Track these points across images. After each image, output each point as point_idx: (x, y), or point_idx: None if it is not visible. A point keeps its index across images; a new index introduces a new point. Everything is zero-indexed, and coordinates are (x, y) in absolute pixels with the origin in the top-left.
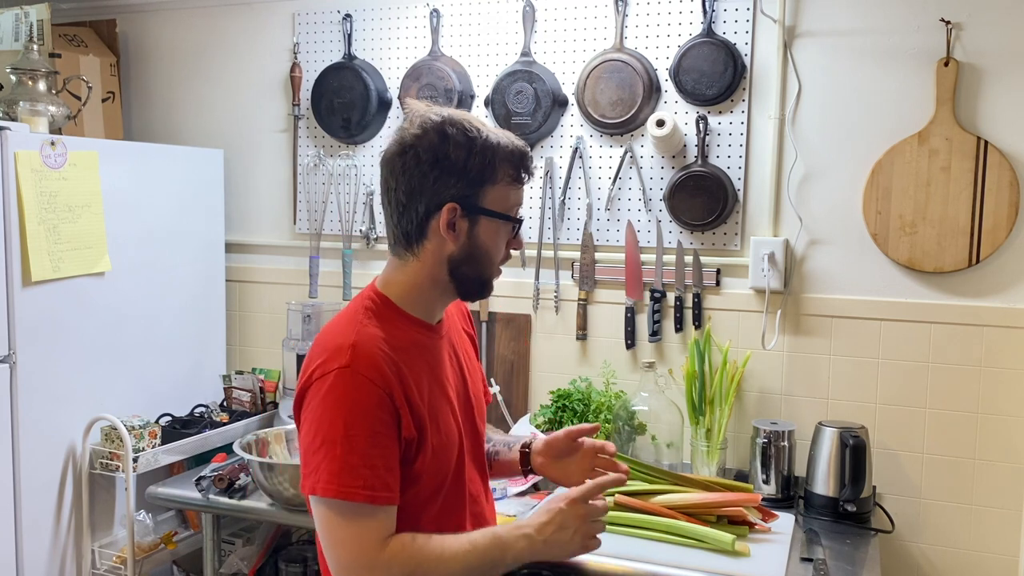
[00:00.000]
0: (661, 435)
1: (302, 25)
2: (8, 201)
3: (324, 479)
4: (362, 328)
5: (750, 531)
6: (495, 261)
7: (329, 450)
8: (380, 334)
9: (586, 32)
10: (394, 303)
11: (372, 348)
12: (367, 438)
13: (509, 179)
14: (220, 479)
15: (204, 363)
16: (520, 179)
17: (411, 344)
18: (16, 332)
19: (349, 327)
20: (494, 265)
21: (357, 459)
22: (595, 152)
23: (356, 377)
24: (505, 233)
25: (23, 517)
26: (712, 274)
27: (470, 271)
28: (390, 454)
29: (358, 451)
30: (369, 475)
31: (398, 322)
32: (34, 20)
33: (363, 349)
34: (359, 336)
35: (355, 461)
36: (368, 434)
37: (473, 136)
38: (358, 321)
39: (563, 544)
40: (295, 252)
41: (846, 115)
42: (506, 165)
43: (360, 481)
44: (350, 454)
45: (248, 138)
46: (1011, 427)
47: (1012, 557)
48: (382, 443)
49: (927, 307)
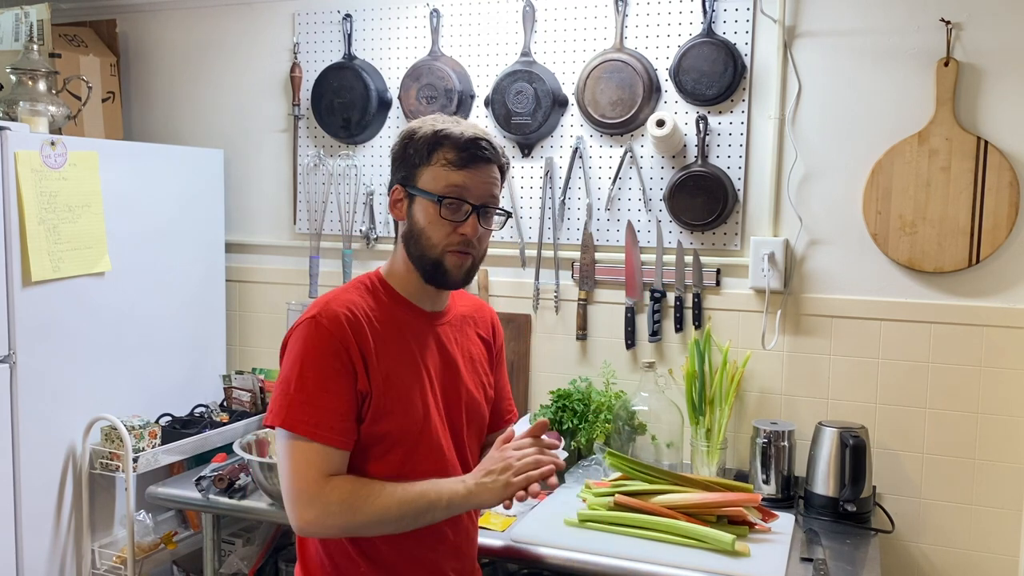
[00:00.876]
0: (661, 435)
1: (302, 25)
2: (8, 201)
3: (275, 411)
4: (343, 292)
5: (750, 531)
6: (433, 240)
7: (284, 387)
8: (360, 302)
9: (586, 32)
10: (389, 284)
11: (341, 307)
12: (316, 381)
13: (445, 162)
14: (220, 479)
15: (204, 363)
16: (458, 163)
17: (391, 320)
18: (16, 332)
19: (337, 291)
20: (434, 243)
21: (304, 396)
22: (595, 152)
23: (317, 327)
24: (435, 211)
25: (23, 517)
26: (712, 274)
27: (415, 249)
28: (340, 400)
29: (306, 390)
30: (313, 412)
31: (386, 300)
32: (34, 20)
33: (331, 306)
34: (335, 298)
35: (302, 398)
36: (318, 377)
37: (418, 127)
38: (346, 288)
39: (489, 489)
40: (295, 252)
41: (846, 115)
42: (444, 149)
43: (305, 416)
44: (299, 391)
45: (248, 138)
46: (1011, 427)
47: (1012, 557)
48: (331, 388)
49: (927, 307)
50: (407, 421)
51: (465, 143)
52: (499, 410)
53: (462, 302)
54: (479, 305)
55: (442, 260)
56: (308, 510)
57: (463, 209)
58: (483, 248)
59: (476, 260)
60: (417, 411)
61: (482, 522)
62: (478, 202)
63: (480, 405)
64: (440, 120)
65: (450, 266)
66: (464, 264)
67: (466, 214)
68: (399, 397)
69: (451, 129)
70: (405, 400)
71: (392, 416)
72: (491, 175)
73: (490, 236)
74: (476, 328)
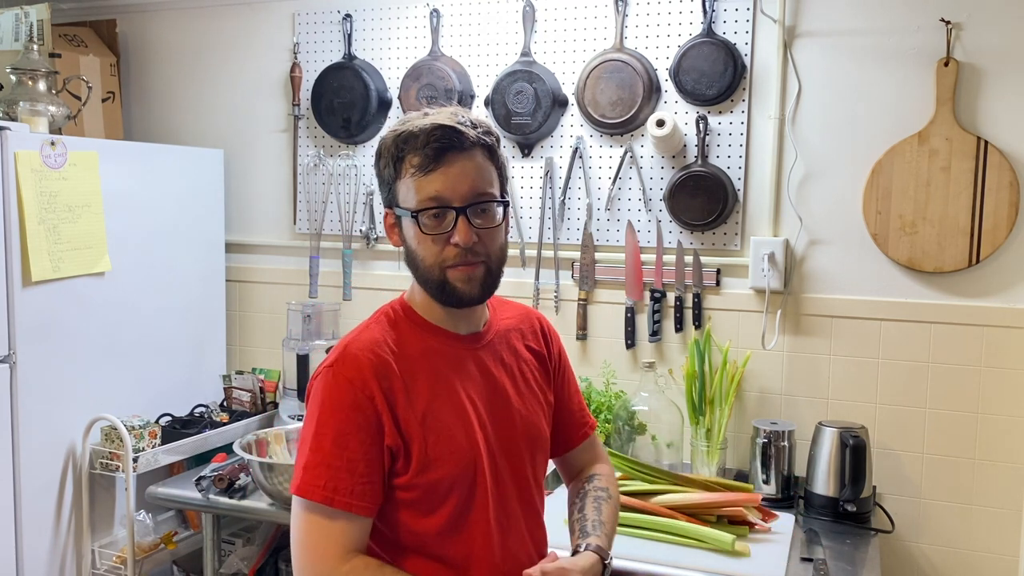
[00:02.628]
0: (661, 435)
1: (302, 25)
2: (8, 201)
3: (295, 475)
4: (364, 331)
5: (750, 531)
6: (428, 261)
7: (302, 447)
8: (383, 338)
9: (586, 32)
10: (415, 311)
11: (362, 350)
12: (333, 439)
13: (413, 169)
14: (220, 479)
15: (204, 363)
16: (423, 166)
17: (423, 352)
18: (16, 332)
19: (357, 330)
20: (429, 264)
21: (320, 458)
22: (595, 152)
23: (336, 377)
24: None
25: (23, 517)
26: (712, 274)
27: (416, 272)
28: (359, 459)
29: (322, 450)
30: (329, 476)
31: (413, 329)
32: (34, 20)
33: (352, 350)
34: (356, 338)
35: (317, 460)
36: (335, 434)
37: (383, 142)
38: (366, 325)
39: None
40: (295, 252)
41: (846, 115)
42: (409, 155)
43: (320, 481)
44: (315, 452)
45: (248, 138)
46: (1011, 427)
47: (1012, 557)
48: (351, 446)
49: (927, 307)
50: (456, 467)
51: (425, 138)
52: (574, 422)
53: (505, 313)
54: (524, 313)
55: (445, 279)
56: None
57: (447, 217)
58: (495, 248)
59: (491, 266)
60: (464, 453)
61: None
62: (462, 202)
63: (540, 428)
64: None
65: (455, 282)
66: (473, 275)
67: (452, 221)
68: (441, 441)
69: (411, 127)
70: (449, 443)
71: (439, 464)
72: (470, 164)
73: (499, 232)
74: (524, 340)
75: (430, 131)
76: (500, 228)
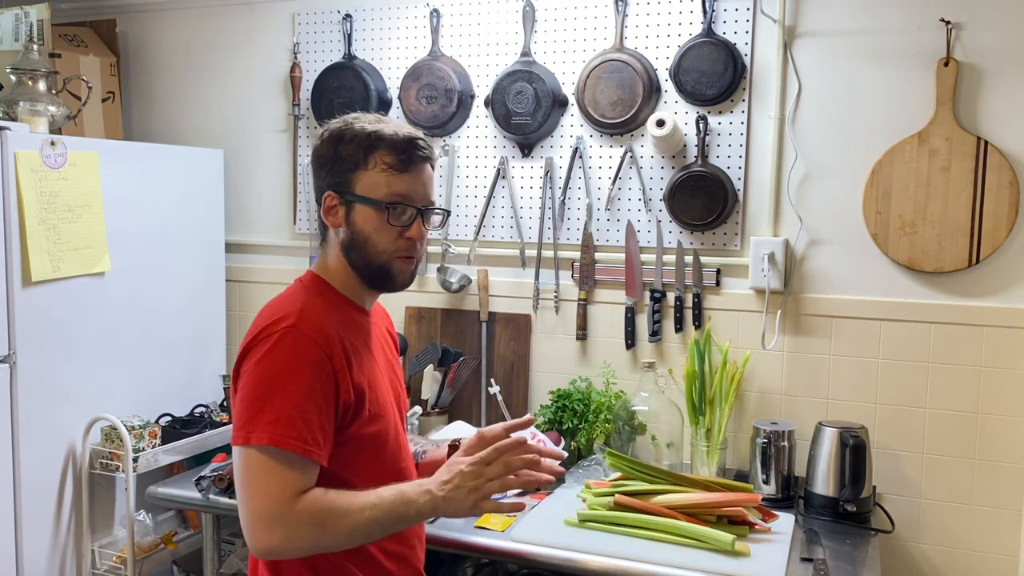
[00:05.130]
0: (661, 435)
1: (302, 25)
2: (8, 201)
3: (259, 427)
4: (308, 298)
5: (750, 531)
6: (380, 247)
7: (267, 401)
8: (325, 308)
9: (586, 32)
10: (331, 285)
11: (318, 313)
12: (304, 393)
13: (384, 166)
14: (220, 479)
15: (204, 363)
16: (397, 167)
17: (347, 320)
18: (16, 332)
19: (295, 298)
20: (381, 250)
21: (293, 410)
22: (595, 152)
23: (300, 335)
24: (381, 219)
25: (23, 517)
26: (712, 274)
27: (359, 257)
28: (323, 414)
29: (293, 403)
30: (303, 427)
31: (335, 300)
32: (34, 20)
33: (309, 312)
34: (305, 303)
35: (291, 412)
36: (305, 389)
37: (345, 129)
38: (302, 293)
39: (458, 502)
40: (295, 252)
41: (846, 115)
42: (381, 152)
43: (294, 432)
44: (286, 405)
45: (248, 138)
46: (1011, 427)
47: (1012, 557)
48: (316, 400)
49: (927, 307)
50: (387, 423)
51: (403, 145)
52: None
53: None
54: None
55: (389, 266)
56: (274, 531)
57: (408, 213)
58: (424, 248)
59: (418, 261)
60: (390, 412)
61: (481, 522)
62: (422, 204)
63: (404, 399)
64: (366, 120)
65: (397, 272)
66: (410, 268)
67: (412, 218)
68: (379, 399)
69: (384, 130)
70: (384, 401)
71: (378, 419)
72: (428, 175)
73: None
74: (383, 322)
75: (407, 139)
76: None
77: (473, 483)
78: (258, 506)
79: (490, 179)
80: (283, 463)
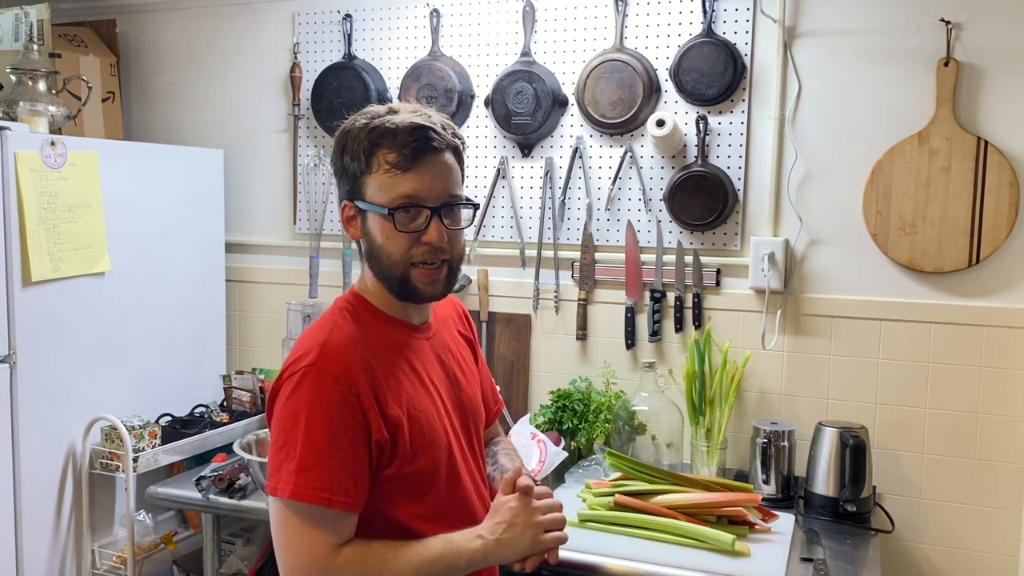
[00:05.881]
0: (661, 435)
1: (302, 25)
2: (8, 201)
3: (283, 479)
4: (335, 327)
5: (750, 531)
6: (393, 256)
7: (289, 450)
8: (354, 333)
9: (586, 32)
10: (370, 303)
11: (342, 346)
12: (327, 439)
13: (388, 166)
14: (220, 479)
15: (204, 363)
16: (400, 164)
17: (389, 344)
18: (16, 332)
19: (324, 326)
20: (396, 260)
21: (314, 459)
22: (595, 152)
23: (321, 375)
24: (390, 226)
25: (23, 517)
26: (712, 274)
27: (377, 268)
28: (351, 457)
29: (316, 451)
30: (326, 477)
31: (375, 321)
32: (34, 20)
33: (332, 347)
34: (331, 335)
35: (312, 461)
36: (328, 435)
37: (348, 131)
38: (333, 321)
39: (514, 541)
40: (295, 252)
41: (846, 115)
42: (383, 150)
43: (316, 483)
44: (307, 453)
45: (248, 138)
46: (1011, 427)
47: (1012, 557)
48: (342, 444)
49: (927, 307)
50: (438, 453)
51: (405, 137)
52: (487, 401)
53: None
54: (449, 300)
55: (408, 276)
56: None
57: (421, 215)
58: (458, 248)
59: (452, 265)
60: (441, 439)
61: None
62: (436, 202)
63: (480, 406)
64: (371, 114)
65: (418, 281)
66: (437, 276)
67: (426, 220)
68: (423, 430)
69: (385, 123)
70: (430, 431)
71: (425, 449)
72: (444, 166)
73: (463, 233)
74: (456, 325)
75: (409, 130)
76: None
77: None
78: (296, 562)
79: (490, 179)
80: (311, 517)
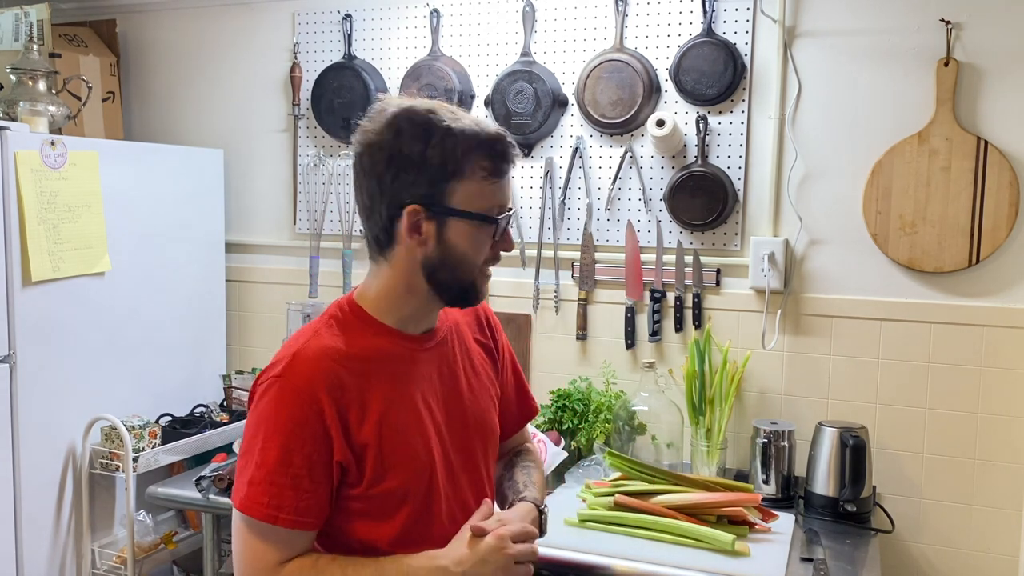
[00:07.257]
0: (661, 435)
1: (302, 25)
2: (8, 201)
3: (238, 489)
4: (314, 337)
5: (750, 531)
6: (475, 265)
7: (247, 460)
8: (334, 344)
9: (586, 32)
10: (366, 311)
11: (314, 359)
12: (281, 455)
13: (484, 173)
14: (220, 479)
15: (204, 363)
16: (498, 172)
17: (376, 355)
18: (16, 332)
19: (304, 334)
20: (475, 269)
21: (263, 474)
22: (595, 152)
23: (285, 388)
24: (484, 234)
25: (23, 517)
26: (712, 274)
27: (447, 277)
28: (307, 476)
29: (267, 466)
30: (274, 493)
31: (365, 331)
32: (34, 20)
33: (302, 359)
34: (305, 346)
35: (262, 476)
36: (283, 451)
37: (431, 127)
38: (315, 330)
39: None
40: (295, 252)
41: (846, 115)
42: (477, 156)
43: (264, 499)
44: (260, 468)
45: (248, 138)
46: (1011, 427)
47: (1012, 557)
48: (295, 463)
49: (927, 307)
50: (413, 475)
51: (500, 146)
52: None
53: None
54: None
55: (475, 281)
56: None
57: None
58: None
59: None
60: (420, 461)
61: None
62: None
63: (492, 423)
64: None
65: (482, 285)
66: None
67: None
68: (397, 450)
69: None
70: (405, 450)
71: (396, 471)
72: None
73: None
74: (472, 332)
75: (499, 138)
76: None
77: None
78: (243, 571)
79: None
80: (259, 531)
